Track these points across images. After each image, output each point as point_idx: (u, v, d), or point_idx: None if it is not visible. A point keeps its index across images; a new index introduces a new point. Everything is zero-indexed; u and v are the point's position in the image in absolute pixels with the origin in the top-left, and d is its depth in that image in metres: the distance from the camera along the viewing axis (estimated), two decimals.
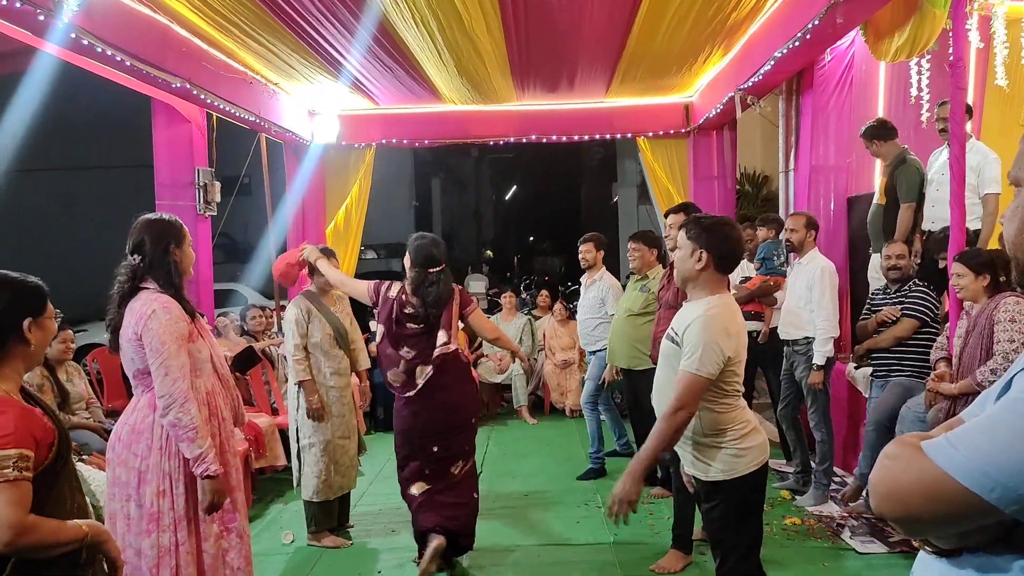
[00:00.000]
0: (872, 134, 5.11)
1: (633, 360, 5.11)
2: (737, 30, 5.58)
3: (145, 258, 2.64)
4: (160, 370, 2.52)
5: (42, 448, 1.80)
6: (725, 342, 2.50)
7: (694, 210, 4.11)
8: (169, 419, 2.51)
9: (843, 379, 5.27)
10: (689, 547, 3.97)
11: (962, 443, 0.94)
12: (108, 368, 5.75)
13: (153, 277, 2.64)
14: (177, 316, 2.59)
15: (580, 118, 7.88)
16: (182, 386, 2.52)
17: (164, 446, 2.57)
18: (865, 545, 4.08)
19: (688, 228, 2.67)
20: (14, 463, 1.70)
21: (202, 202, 5.99)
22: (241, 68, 5.95)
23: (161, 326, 2.53)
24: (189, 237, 2.79)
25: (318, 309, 4.40)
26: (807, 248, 4.84)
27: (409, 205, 22.75)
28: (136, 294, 2.62)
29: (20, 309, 1.88)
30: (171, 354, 2.53)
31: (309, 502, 4.34)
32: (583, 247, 5.87)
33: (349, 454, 4.43)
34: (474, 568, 4.02)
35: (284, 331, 4.47)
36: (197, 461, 2.52)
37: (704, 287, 2.63)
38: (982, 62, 5.34)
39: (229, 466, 2.74)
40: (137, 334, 2.55)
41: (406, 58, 5.92)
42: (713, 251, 2.59)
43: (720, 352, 2.48)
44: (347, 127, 7.74)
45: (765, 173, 10.30)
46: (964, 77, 4.03)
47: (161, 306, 2.57)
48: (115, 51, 4.27)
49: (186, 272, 2.74)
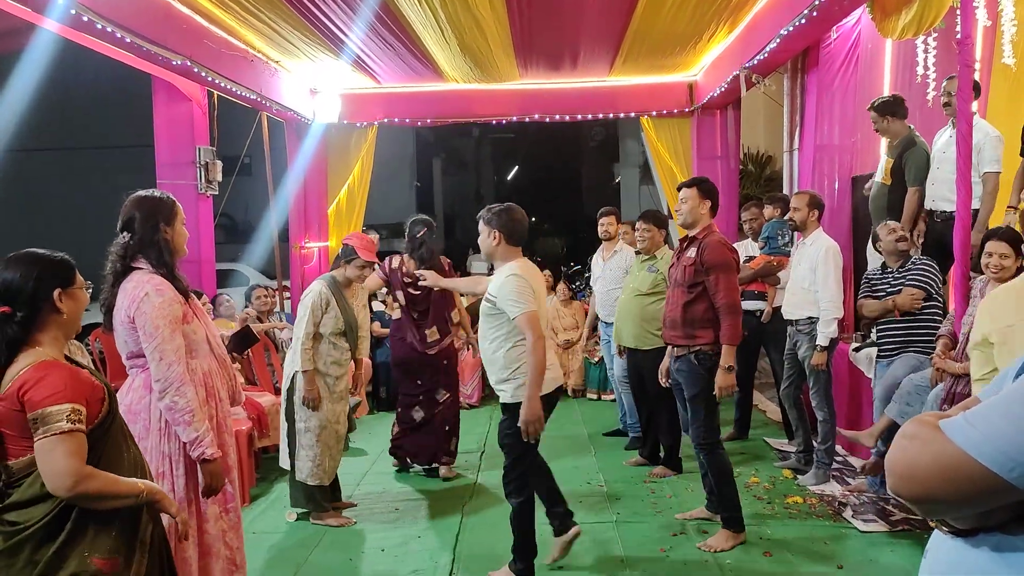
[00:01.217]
0: (886, 110, 5.00)
1: (640, 339, 5.12)
2: (743, 7, 5.53)
3: (135, 236, 2.60)
4: (155, 354, 2.50)
5: (93, 404, 1.94)
6: (528, 288, 3.35)
7: (706, 184, 4.10)
8: (165, 403, 2.50)
9: (846, 359, 5.27)
10: (740, 525, 3.94)
11: (981, 422, 0.93)
12: (110, 347, 5.74)
13: (144, 256, 2.60)
14: (171, 298, 2.56)
15: (583, 97, 7.83)
16: (177, 369, 2.51)
17: (163, 428, 2.56)
18: (867, 524, 4.09)
19: (483, 214, 3.53)
20: (67, 416, 1.85)
21: (203, 181, 5.98)
22: (242, 46, 5.91)
23: (154, 309, 2.50)
24: (182, 215, 2.72)
25: (337, 301, 4.36)
26: (811, 228, 4.82)
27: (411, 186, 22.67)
28: (129, 274, 2.59)
29: (50, 280, 2.00)
30: (165, 338, 2.50)
31: (304, 484, 4.35)
32: (605, 219, 5.98)
33: (339, 436, 4.46)
34: (476, 544, 4.05)
35: (298, 314, 4.41)
36: (194, 444, 2.51)
37: (503, 257, 3.51)
38: (989, 40, 5.28)
39: (227, 446, 2.73)
40: (130, 317, 2.52)
41: (408, 35, 5.88)
42: (503, 230, 3.46)
43: (530, 292, 3.34)
44: (349, 106, 7.70)
45: (769, 153, 10.27)
46: (971, 55, 3.98)
47: (154, 288, 2.53)
48: (116, 28, 4.24)
49: (179, 251, 2.69)
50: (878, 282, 4.56)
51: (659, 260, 5.16)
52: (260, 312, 6.25)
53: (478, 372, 7.69)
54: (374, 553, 4.00)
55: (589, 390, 7.84)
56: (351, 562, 3.91)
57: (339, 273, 4.45)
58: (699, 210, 4.04)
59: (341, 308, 4.37)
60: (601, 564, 3.79)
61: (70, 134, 17.21)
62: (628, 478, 5.11)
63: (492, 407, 7.52)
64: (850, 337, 5.41)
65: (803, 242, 4.88)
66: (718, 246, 3.95)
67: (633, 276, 5.30)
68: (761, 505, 4.44)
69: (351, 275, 4.44)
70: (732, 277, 3.96)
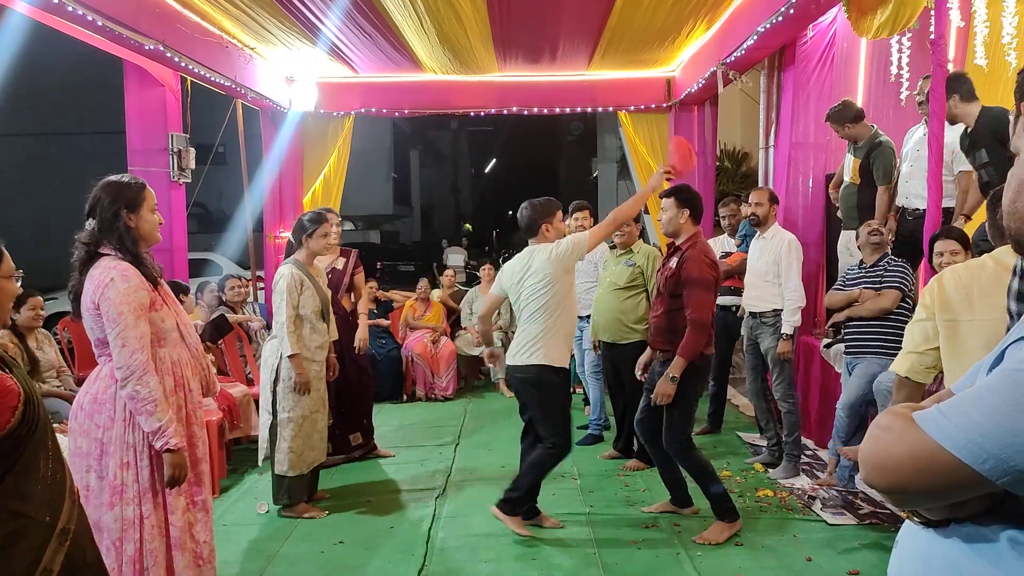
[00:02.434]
0: (845, 117, 5.10)
1: (617, 334, 5.14)
2: (721, 4, 5.56)
3: (98, 222, 2.54)
4: (117, 341, 2.45)
5: (4, 411, 1.68)
6: None
7: (685, 193, 4.10)
8: (127, 391, 2.45)
9: (817, 355, 5.32)
10: (734, 513, 3.97)
11: (954, 414, 0.93)
12: (78, 336, 5.66)
13: (108, 242, 2.54)
14: (136, 285, 2.51)
15: (561, 90, 7.83)
16: (140, 358, 2.46)
17: (127, 417, 2.51)
18: (836, 517, 4.14)
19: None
20: None
21: (176, 169, 5.89)
22: (217, 31, 5.82)
23: (119, 295, 2.45)
24: (152, 200, 2.65)
25: (309, 279, 4.34)
26: (770, 222, 4.94)
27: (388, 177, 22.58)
28: (96, 260, 2.53)
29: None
30: (128, 325, 2.45)
31: (282, 476, 4.32)
32: (580, 214, 5.71)
33: (319, 427, 4.42)
34: (450, 538, 4.04)
35: (274, 302, 4.34)
36: (156, 435, 2.47)
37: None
38: (962, 41, 5.35)
39: (196, 438, 2.69)
40: (95, 303, 2.47)
41: (386, 25, 5.83)
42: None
43: None
44: (326, 95, 7.63)
45: (745, 150, 10.33)
46: (944, 55, 4.03)
47: (120, 274, 2.48)
48: (87, 11, 4.16)
49: (146, 238, 2.62)
50: (855, 279, 4.60)
51: (636, 254, 5.18)
52: (233, 303, 6.18)
53: (453, 364, 7.68)
54: (346, 546, 3.98)
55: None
56: (323, 554, 3.88)
57: (301, 255, 4.41)
58: (678, 219, 4.03)
59: (315, 287, 4.35)
60: (573, 556, 3.80)
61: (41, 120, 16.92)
62: (602, 471, 5.13)
63: (467, 399, 7.51)
64: (822, 333, 5.47)
65: (763, 236, 4.94)
66: (698, 262, 3.91)
67: (609, 270, 5.31)
68: (733, 499, 4.47)
69: (316, 247, 4.39)
70: (706, 295, 3.91)
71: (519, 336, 4.02)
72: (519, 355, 3.96)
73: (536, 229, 4.05)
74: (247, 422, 5.36)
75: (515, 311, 4.15)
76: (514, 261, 4.10)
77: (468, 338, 8.04)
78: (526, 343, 3.95)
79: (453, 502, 4.60)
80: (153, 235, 2.66)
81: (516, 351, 3.98)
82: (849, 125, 5.12)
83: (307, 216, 4.49)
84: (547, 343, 3.91)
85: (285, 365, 4.26)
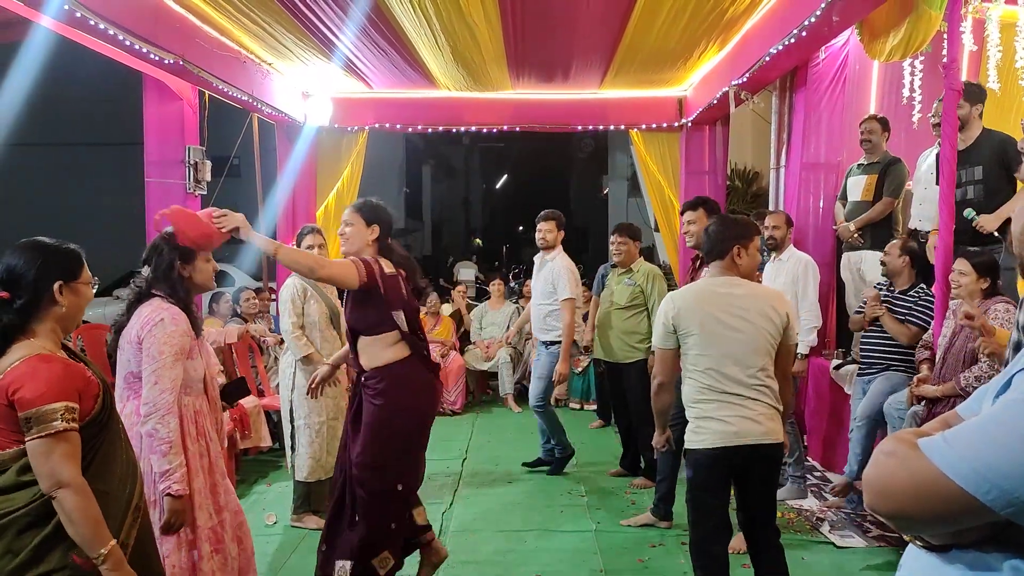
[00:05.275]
0: (887, 126, 5.29)
1: (620, 353, 5.15)
2: (733, 25, 5.59)
3: (152, 269, 2.69)
4: (151, 377, 2.51)
5: (87, 399, 1.92)
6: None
7: (710, 204, 4.13)
8: (147, 428, 2.49)
9: (827, 376, 5.31)
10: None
11: (959, 442, 0.94)
12: (93, 344, 5.71)
13: (158, 288, 2.67)
14: (184, 331, 2.60)
15: (574, 109, 7.87)
16: (168, 398, 2.51)
17: (145, 457, 2.51)
18: (844, 539, 4.13)
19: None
20: (61, 415, 1.83)
21: (191, 180, 5.96)
22: (235, 46, 5.90)
23: (166, 335, 2.54)
24: (206, 253, 2.80)
25: (312, 289, 4.40)
26: (786, 245, 4.96)
27: (400, 192, 22.68)
28: (147, 299, 2.65)
29: (51, 272, 1.98)
30: (166, 365, 2.52)
31: (301, 482, 4.34)
32: (545, 225, 5.35)
33: (338, 434, 4.43)
34: (457, 552, 4.04)
35: (280, 311, 4.44)
36: (164, 476, 2.48)
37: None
38: (975, 65, 5.38)
39: (218, 487, 2.70)
40: (139, 337, 2.55)
41: (401, 42, 5.90)
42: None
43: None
44: (340, 110, 7.70)
45: (755, 169, 10.33)
46: (957, 79, 4.05)
47: (171, 317, 2.58)
48: (109, 25, 4.23)
49: (201, 287, 2.80)
50: (884, 300, 4.51)
51: (636, 273, 5.19)
52: (247, 315, 6.24)
53: (461, 378, 7.70)
54: None
55: (572, 400, 7.90)
56: None
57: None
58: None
59: (320, 295, 4.40)
60: (579, 574, 3.80)
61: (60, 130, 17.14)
62: (608, 488, 5.13)
63: (475, 413, 7.52)
64: (832, 354, 5.46)
65: (780, 259, 4.96)
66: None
67: (611, 290, 5.31)
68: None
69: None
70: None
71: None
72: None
73: (724, 251, 3.02)
74: (257, 433, 5.39)
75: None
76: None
77: (477, 353, 8.07)
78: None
79: (460, 516, 4.61)
80: (208, 284, 2.83)
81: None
82: (886, 135, 5.26)
83: (302, 230, 4.63)
84: None
85: (299, 373, 4.30)
